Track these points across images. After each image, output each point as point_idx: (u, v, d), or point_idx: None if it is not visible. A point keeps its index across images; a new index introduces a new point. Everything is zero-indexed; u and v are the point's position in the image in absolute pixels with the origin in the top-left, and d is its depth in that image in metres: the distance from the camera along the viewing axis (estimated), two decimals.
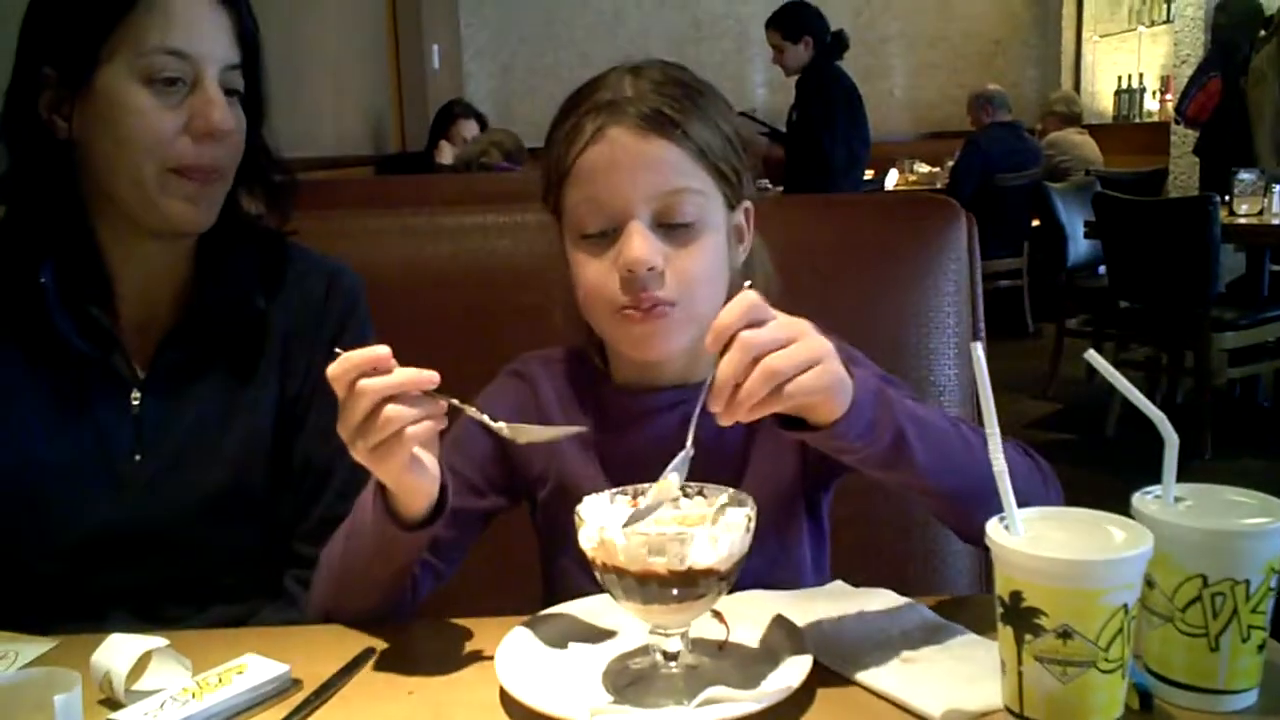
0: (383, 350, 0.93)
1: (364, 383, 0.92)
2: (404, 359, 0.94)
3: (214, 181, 1.23)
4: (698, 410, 0.92)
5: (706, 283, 1.10)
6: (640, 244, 1.05)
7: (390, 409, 0.92)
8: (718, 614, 0.98)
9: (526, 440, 1.02)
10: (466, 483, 1.14)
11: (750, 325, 0.87)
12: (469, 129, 5.54)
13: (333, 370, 0.93)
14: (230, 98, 1.22)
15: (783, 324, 0.89)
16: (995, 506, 0.84)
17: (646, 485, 0.95)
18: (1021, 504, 0.84)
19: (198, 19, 1.19)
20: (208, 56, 1.19)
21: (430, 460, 0.98)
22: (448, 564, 1.14)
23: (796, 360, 0.87)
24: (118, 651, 0.93)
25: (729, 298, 1.14)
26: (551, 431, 1.04)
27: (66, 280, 1.23)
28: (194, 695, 0.90)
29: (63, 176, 1.21)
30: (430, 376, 0.93)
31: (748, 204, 1.17)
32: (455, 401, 0.97)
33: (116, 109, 1.17)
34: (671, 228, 1.07)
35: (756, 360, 0.86)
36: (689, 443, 0.94)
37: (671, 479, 0.93)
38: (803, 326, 0.90)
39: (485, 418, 0.99)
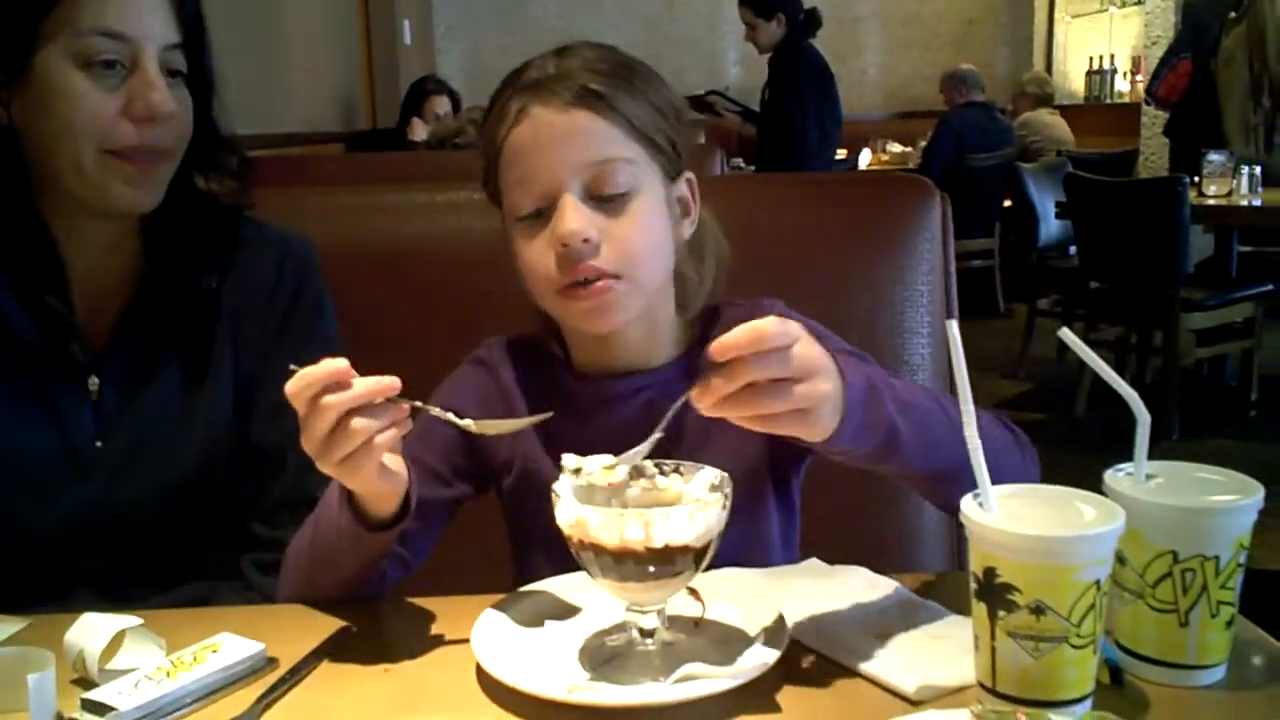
0: (341, 363, 0.91)
1: (327, 399, 0.90)
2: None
3: (157, 163, 1.21)
4: (676, 406, 0.91)
5: (647, 253, 1.09)
6: (572, 216, 1.05)
7: (356, 421, 0.91)
8: (693, 591, 0.98)
9: (494, 433, 1.02)
10: (432, 473, 1.14)
11: (760, 352, 0.83)
12: (441, 105, 5.49)
13: (291, 387, 0.91)
14: (173, 79, 1.20)
15: (792, 361, 0.84)
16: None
17: (617, 456, 0.94)
18: (1001, 475, 0.84)
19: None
20: (146, 37, 1.16)
21: (397, 463, 0.98)
22: (415, 554, 1.14)
23: (790, 406, 0.85)
24: (91, 631, 0.93)
25: (677, 273, 1.14)
26: (516, 422, 1.03)
27: (18, 269, 1.21)
28: (168, 674, 0.90)
29: (4, 162, 1.18)
30: (392, 383, 0.92)
31: (690, 175, 1.15)
32: (419, 404, 0.97)
33: (53, 94, 1.15)
34: (605, 199, 1.07)
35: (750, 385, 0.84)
36: (658, 430, 0.93)
37: (620, 471, 0.93)
38: (813, 364, 0.86)
39: (451, 415, 0.99)
